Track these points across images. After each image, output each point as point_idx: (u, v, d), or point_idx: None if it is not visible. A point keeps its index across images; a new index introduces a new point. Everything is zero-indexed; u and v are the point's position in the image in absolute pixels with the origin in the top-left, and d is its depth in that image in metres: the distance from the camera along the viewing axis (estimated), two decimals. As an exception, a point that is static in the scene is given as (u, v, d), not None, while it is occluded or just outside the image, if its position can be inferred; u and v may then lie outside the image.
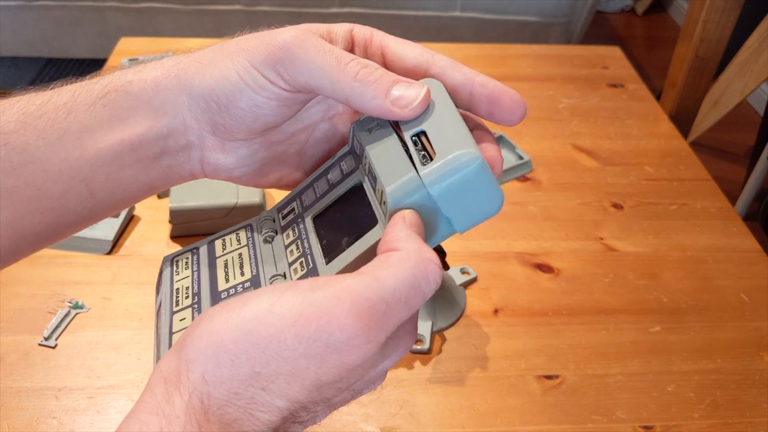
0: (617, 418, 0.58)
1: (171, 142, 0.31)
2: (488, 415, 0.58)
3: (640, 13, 2.90)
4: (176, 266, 0.34)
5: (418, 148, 0.28)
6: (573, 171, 0.86)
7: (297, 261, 0.30)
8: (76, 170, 0.30)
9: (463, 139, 0.27)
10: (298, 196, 0.34)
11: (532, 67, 1.07)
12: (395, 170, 0.28)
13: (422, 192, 0.27)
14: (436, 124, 0.28)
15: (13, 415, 0.55)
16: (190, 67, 0.31)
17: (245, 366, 0.23)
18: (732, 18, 1.20)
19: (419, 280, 0.25)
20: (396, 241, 0.26)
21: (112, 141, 0.30)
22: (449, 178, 0.27)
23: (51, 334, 0.62)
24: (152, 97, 0.30)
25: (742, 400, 0.60)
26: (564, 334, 0.65)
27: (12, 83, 2.16)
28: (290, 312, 0.23)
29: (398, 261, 0.25)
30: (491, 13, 2.07)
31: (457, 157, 0.26)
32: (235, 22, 2.08)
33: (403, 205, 0.27)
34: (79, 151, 0.29)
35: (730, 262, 0.75)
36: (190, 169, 0.33)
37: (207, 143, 0.32)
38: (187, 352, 0.24)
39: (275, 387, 0.24)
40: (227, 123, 0.31)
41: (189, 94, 0.30)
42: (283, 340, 0.23)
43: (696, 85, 1.28)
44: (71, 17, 2.08)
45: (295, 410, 0.24)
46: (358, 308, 0.23)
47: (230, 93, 0.30)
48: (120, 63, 0.99)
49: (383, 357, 0.26)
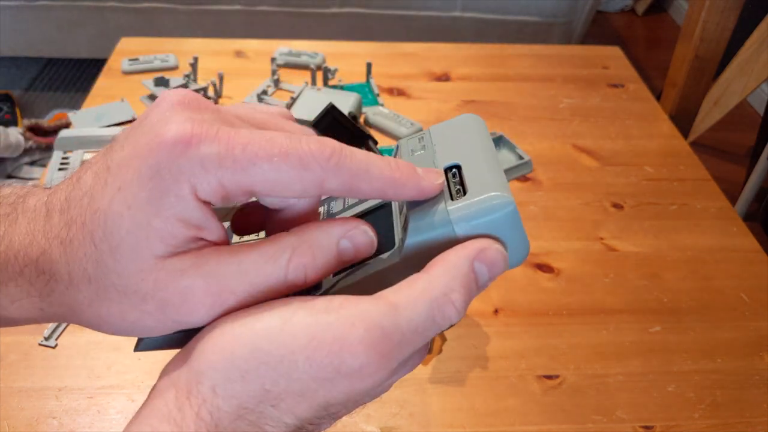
0: (617, 418, 0.58)
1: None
2: (488, 415, 0.58)
3: (640, 13, 2.90)
4: None
5: (455, 180, 0.27)
6: (573, 171, 0.86)
7: None
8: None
9: (497, 180, 0.26)
10: (327, 201, 0.33)
11: (532, 67, 1.07)
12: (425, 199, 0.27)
13: (447, 227, 0.26)
14: (472, 160, 0.27)
15: (13, 415, 0.55)
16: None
17: (255, 382, 0.23)
18: (732, 18, 1.20)
19: (435, 313, 0.24)
20: (441, 263, 0.25)
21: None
22: (478, 219, 0.25)
23: (51, 334, 0.62)
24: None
25: (742, 400, 0.60)
26: (564, 334, 0.65)
27: (12, 83, 2.17)
28: (303, 333, 0.23)
29: (421, 290, 0.24)
30: (492, 13, 2.07)
31: (489, 198, 0.25)
32: (235, 22, 2.08)
33: (425, 236, 0.26)
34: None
35: (730, 262, 0.75)
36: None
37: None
38: (197, 364, 0.24)
39: (284, 405, 0.23)
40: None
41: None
42: (294, 361, 0.23)
43: (696, 85, 1.28)
44: (71, 17, 2.08)
45: (302, 425, 0.24)
46: (372, 336, 0.23)
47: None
48: (120, 63, 0.99)
49: (392, 376, 0.26)
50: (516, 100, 0.99)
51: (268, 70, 0.99)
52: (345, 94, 0.87)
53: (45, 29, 2.11)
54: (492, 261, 0.25)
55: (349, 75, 0.99)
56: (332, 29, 2.08)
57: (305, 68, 1.00)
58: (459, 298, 0.24)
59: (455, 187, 0.27)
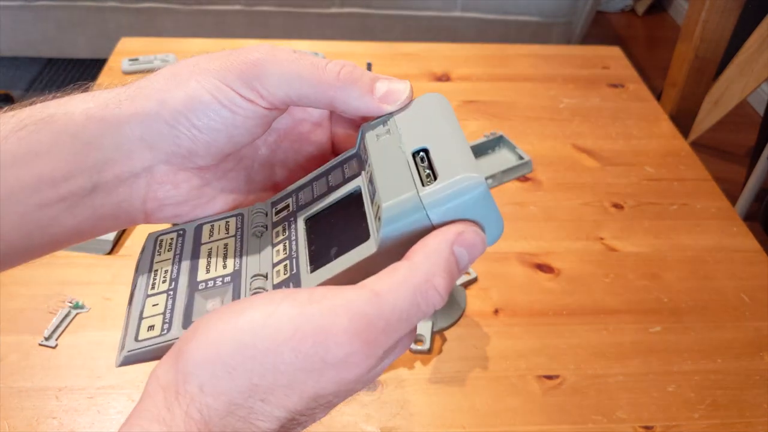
0: (617, 418, 0.58)
1: (107, 176, 0.28)
2: (488, 415, 0.58)
3: (640, 13, 2.90)
4: (159, 246, 0.32)
5: (424, 165, 0.27)
6: (573, 171, 0.86)
7: (281, 263, 0.29)
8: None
9: (466, 161, 0.26)
10: (295, 192, 0.32)
11: (532, 67, 1.07)
12: (396, 186, 0.26)
13: (420, 213, 0.25)
14: (440, 142, 0.27)
15: (14, 415, 0.55)
16: (139, 94, 0.28)
17: (242, 377, 0.23)
18: (732, 18, 1.20)
19: (419, 299, 0.24)
20: (421, 249, 0.25)
21: (28, 176, 0.27)
22: (450, 202, 0.25)
23: (51, 334, 0.62)
24: (79, 130, 0.27)
25: (742, 400, 0.60)
26: (564, 334, 0.65)
27: (12, 83, 2.16)
28: (287, 326, 0.23)
29: (403, 277, 0.24)
30: (492, 13, 2.07)
31: (460, 181, 0.25)
32: (235, 22, 2.08)
33: (400, 224, 0.26)
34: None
35: (730, 262, 0.75)
36: (128, 210, 0.30)
37: (156, 174, 0.29)
38: (183, 364, 0.24)
39: (274, 399, 0.24)
40: (194, 147, 0.29)
41: (141, 121, 0.28)
42: (280, 353, 0.23)
43: (696, 85, 1.28)
44: (71, 17, 2.08)
45: (294, 417, 0.24)
46: (356, 325, 0.23)
47: (203, 114, 0.28)
48: (120, 63, 0.99)
49: (381, 362, 0.26)
50: (516, 100, 0.99)
51: (268, 70, 0.99)
52: (345, 94, 0.87)
53: (45, 29, 2.11)
54: (471, 243, 0.25)
55: (349, 75, 0.99)
56: (332, 29, 2.08)
57: (305, 68, 1.00)
58: (441, 283, 0.24)
59: (425, 172, 0.26)
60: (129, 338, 0.28)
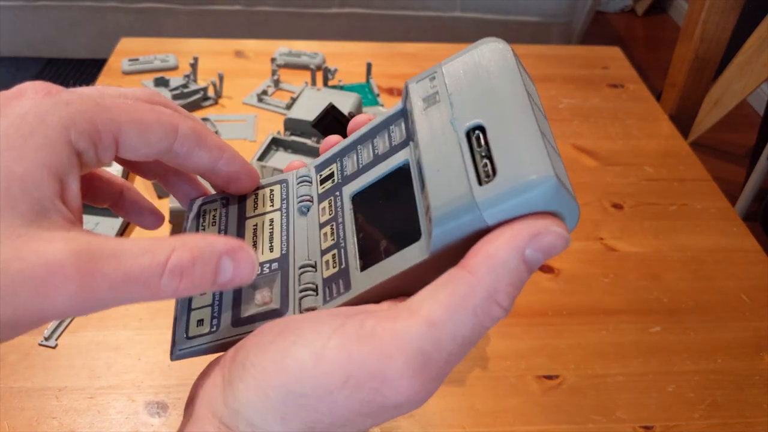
0: (617, 418, 0.58)
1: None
2: (488, 415, 0.58)
3: (640, 14, 2.91)
4: (203, 218, 0.30)
5: (480, 150, 0.23)
6: (573, 171, 0.86)
7: (330, 252, 0.27)
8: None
9: (531, 145, 0.22)
10: (340, 157, 0.30)
11: (532, 67, 1.07)
12: (447, 181, 0.23)
13: (475, 214, 0.22)
14: (499, 115, 0.23)
15: (14, 416, 0.55)
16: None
17: (295, 422, 0.22)
18: (732, 18, 1.20)
19: (481, 319, 0.21)
20: (485, 261, 0.21)
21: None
22: (510, 200, 0.21)
23: (51, 334, 0.62)
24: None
25: (742, 400, 0.61)
26: (564, 334, 0.65)
27: (12, 83, 2.16)
28: (338, 371, 0.21)
29: (463, 297, 0.21)
30: (491, 13, 2.07)
31: (521, 177, 0.21)
32: (235, 22, 2.09)
33: (452, 226, 0.22)
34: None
35: (730, 262, 0.75)
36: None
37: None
38: (233, 400, 0.23)
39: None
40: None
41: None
42: (334, 401, 0.22)
43: (696, 86, 1.28)
44: (71, 17, 2.08)
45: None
46: (414, 365, 0.21)
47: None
48: (120, 63, 0.99)
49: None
50: (516, 100, 0.99)
51: (268, 71, 0.99)
52: (345, 94, 0.87)
53: (45, 29, 2.11)
54: (549, 246, 0.22)
55: (349, 75, 0.99)
56: (332, 29, 2.08)
57: (305, 68, 1.00)
58: (506, 298, 0.22)
59: (482, 162, 0.22)
60: (180, 334, 0.28)
